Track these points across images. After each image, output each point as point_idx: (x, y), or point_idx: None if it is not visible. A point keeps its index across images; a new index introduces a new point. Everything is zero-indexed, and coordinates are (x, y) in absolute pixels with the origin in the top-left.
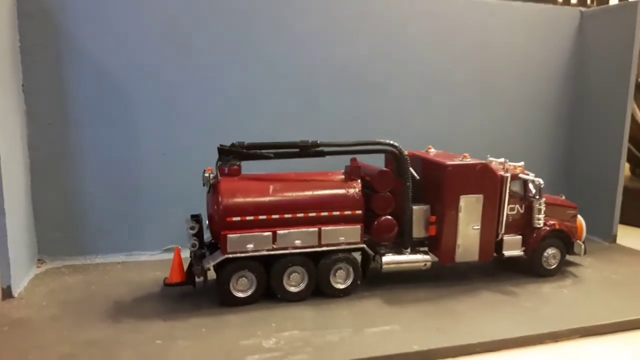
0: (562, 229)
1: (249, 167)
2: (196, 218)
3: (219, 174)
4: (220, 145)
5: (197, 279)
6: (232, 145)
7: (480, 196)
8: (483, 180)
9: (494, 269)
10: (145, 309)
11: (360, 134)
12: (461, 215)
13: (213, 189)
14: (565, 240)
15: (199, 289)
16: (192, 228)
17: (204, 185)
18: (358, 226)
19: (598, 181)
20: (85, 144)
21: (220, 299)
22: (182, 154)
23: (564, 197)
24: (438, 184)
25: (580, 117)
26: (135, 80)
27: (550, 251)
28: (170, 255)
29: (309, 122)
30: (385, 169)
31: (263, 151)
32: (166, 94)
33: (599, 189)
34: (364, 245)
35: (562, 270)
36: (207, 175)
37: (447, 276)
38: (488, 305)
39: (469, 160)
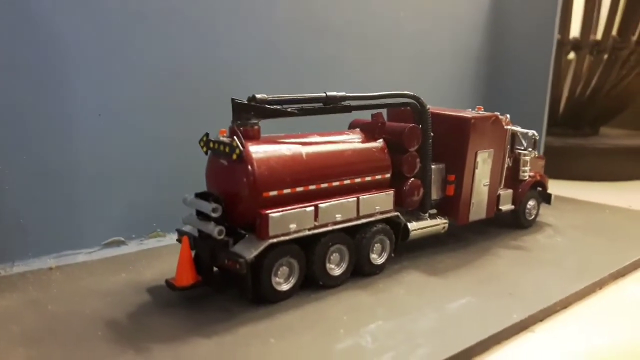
0: (541, 180)
1: None
2: (213, 197)
3: (242, 138)
4: (235, 99)
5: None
6: (252, 99)
7: (492, 151)
8: (494, 133)
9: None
10: (159, 325)
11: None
12: (477, 171)
13: (238, 157)
14: (541, 190)
15: (199, 291)
16: (214, 210)
17: (206, 152)
18: (391, 192)
19: None
20: None
21: (253, 296)
22: (126, 115)
23: None
24: (458, 140)
25: (500, 74)
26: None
27: (531, 203)
28: (114, 252)
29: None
30: (413, 124)
31: (286, 107)
32: (105, 30)
33: None
34: (398, 213)
35: None
36: (224, 138)
37: (445, 239)
38: (517, 262)
39: (484, 113)
